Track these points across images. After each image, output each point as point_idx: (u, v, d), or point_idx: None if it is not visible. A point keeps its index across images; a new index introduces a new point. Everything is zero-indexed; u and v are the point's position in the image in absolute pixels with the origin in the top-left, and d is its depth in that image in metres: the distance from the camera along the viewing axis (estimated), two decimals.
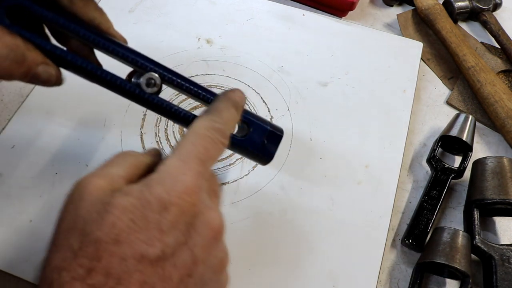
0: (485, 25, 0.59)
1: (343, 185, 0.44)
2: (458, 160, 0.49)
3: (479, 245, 0.41)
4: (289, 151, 0.46)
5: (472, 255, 0.41)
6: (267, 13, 0.57)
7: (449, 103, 0.53)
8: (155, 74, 0.30)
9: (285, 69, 0.52)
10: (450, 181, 0.45)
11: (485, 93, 0.51)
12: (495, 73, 0.53)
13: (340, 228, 0.42)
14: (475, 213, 0.42)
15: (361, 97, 0.51)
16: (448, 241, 0.40)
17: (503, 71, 0.56)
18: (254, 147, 0.33)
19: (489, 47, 0.59)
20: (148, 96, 0.30)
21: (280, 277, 0.39)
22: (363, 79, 0.52)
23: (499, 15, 0.61)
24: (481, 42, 0.59)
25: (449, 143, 0.49)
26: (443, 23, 0.57)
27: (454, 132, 0.47)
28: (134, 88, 0.30)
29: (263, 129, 0.34)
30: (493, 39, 0.59)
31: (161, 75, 0.31)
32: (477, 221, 0.42)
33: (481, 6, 0.59)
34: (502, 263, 0.39)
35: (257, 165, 0.45)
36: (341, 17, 0.60)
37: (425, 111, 0.52)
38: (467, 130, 0.46)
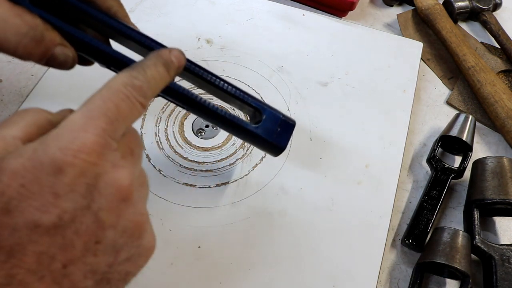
0: (485, 25, 0.59)
1: (343, 185, 0.44)
2: (458, 160, 0.49)
3: (479, 245, 0.41)
4: (289, 151, 0.46)
5: (472, 255, 0.41)
6: (267, 13, 0.57)
7: (449, 103, 0.53)
8: None
9: (285, 69, 0.52)
10: (450, 181, 0.45)
11: (485, 93, 0.51)
12: (495, 73, 0.53)
13: (340, 228, 0.42)
14: (475, 213, 0.42)
15: (361, 97, 0.51)
16: (448, 241, 0.40)
17: (503, 71, 0.56)
18: (267, 135, 0.33)
19: (489, 47, 0.59)
20: None
21: (280, 277, 0.39)
22: (363, 79, 0.52)
23: (499, 15, 0.61)
24: (481, 42, 0.59)
25: (449, 143, 0.49)
26: (443, 23, 0.57)
27: (454, 132, 0.47)
28: None
29: (276, 118, 0.34)
30: (493, 39, 0.59)
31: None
32: (477, 221, 0.42)
33: (481, 6, 0.59)
34: (502, 263, 0.39)
35: (257, 165, 0.45)
36: (341, 17, 0.60)
37: (425, 111, 0.52)
38: (467, 130, 0.46)
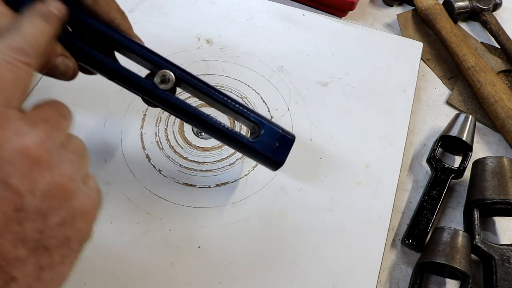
0: (485, 25, 0.59)
1: (343, 185, 0.44)
2: (458, 160, 0.49)
3: (479, 245, 0.41)
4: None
5: (472, 255, 0.41)
6: (267, 13, 0.57)
7: (449, 103, 0.53)
8: (169, 72, 0.30)
9: (285, 69, 0.52)
10: (450, 181, 0.45)
11: (485, 93, 0.51)
12: (495, 73, 0.53)
13: (340, 228, 0.42)
14: (475, 213, 0.42)
15: (361, 97, 0.51)
16: (448, 241, 0.40)
17: (503, 71, 0.56)
18: (265, 150, 0.33)
19: (489, 47, 0.59)
20: (161, 92, 0.30)
21: (280, 277, 0.39)
22: (363, 79, 0.52)
23: (499, 15, 0.61)
24: (481, 42, 0.59)
25: (449, 143, 0.49)
26: (443, 23, 0.57)
27: (454, 132, 0.47)
28: (148, 83, 0.30)
29: (274, 132, 0.33)
30: (493, 39, 0.59)
31: (176, 73, 0.31)
32: (477, 221, 0.42)
33: (481, 6, 0.59)
34: (502, 263, 0.39)
35: (257, 165, 0.45)
36: (341, 17, 0.60)
37: (425, 111, 0.52)
38: (467, 130, 0.46)
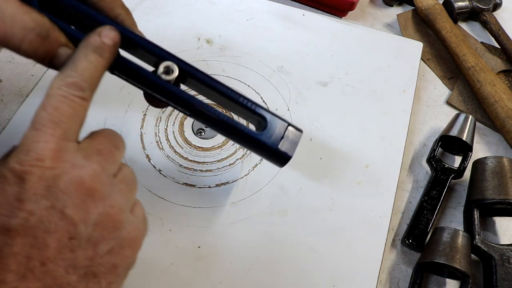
0: (485, 25, 0.59)
1: (343, 185, 0.44)
2: (458, 160, 0.49)
3: (479, 245, 0.41)
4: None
5: (472, 255, 0.41)
6: (267, 13, 0.57)
7: (449, 103, 0.53)
8: (173, 63, 0.30)
9: (285, 69, 0.52)
10: (450, 181, 0.45)
11: (485, 93, 0.51)
12: (495, 73, 0.53)
13: (340, 228, 0.42)
14: (475, 213, 0.42)
15: (361, 97, 0.51)
16: (448, 241, 0.40)
17: (503, 71, 0.56)
18: (272, 143, 0.31)
19: (489, 47, 0.59)
20: (164, 83, 0.30)
21: (280, 277, 0.39)
22: (363, 79, 0.52)
23: (499, 15, 0.61)
24: (481, 42, 0.59)
25: (449, 143, 0.49)
26: (443, 23, 0.57)
27: (454, 132, 0.47)
28: (151, 74, 0.30)
29: (282, 124, 0.32)
30: (493, 39, 0.59)
31: (180, 65, 0.30)
32: (477, 221, 0.42)
33: (481, 6, 0.59)
34: (502, 263, 0.39)
35: (257, 165, 0.45)
36: (341, 17, 0.60)
37: (425, 111, 0.52)
38: (467, 130, 0.46)
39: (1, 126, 0.46)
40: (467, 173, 0.46)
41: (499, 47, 0.58)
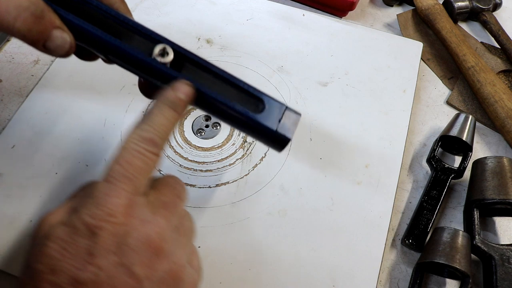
0: (485, 25, 0.59)
1: (343, 185, 0.44)
2: (458, 160, 0.49)
3: (479, 245, 0.41)
4: (289, 151, 0.46)
5: (472, 255, 0.41)
6: (267, 13, 0.57)
7: (449, 103, 0.53)
8: (167, 46, 0.30)
9: (285, 69, 0.52)
10: (450, 181, 0.45)
11: (485, 93, 0.51)
12: (495, 73, 0.53)
13: (340, 228, 0.42)
14: (475, 213, 0.42)
15: (361, 97, 0.51)
16: (448, 241, 0.40)
17: (503, 71, 0.56)
18: (270, 123, 0.30)
19: (489, 47, 0.59)
20: (160, 65, 0.29)
21: (280, 277, 0.39)
22: (363, 79, 0.52)
23: (499, 15, 0.61)
24: (481, 42, 0.59)
25: (449, 143, 0.49)
26: (443, 23, 0.57)
27: (454, 132, 0.47)
28: (146, 57, 0.29)
29: (280, 107, 0.31)
30: (493, 39, 0.59)
31: (174, 48, 0.30)
32: (477, 221, 0.42)
33: (481, 6, 0.59)
34: (502, 263, 0.39)
35: (257, 165, 0.45)
36: (341, 17, 0.60)
37: (425, 111, 0.52)
38: (467, 130, 0.46)
39: (1, 126, 0.46)
40: (467, 173, 0.46)
41: (499, 47, 0.58)
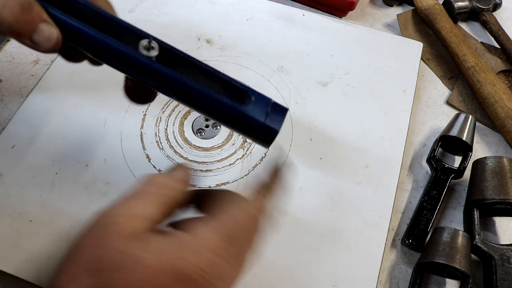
0: (485, 25, 0.59)
1: (343, 185, 0.44)
2: (458, 160, 0.49)
3: (479, 245, 0.41)
4: (289, 151, 0.46)
5: (472, 255, 0.41)
6: (267, 13, 0.57)
7: (449, 103, 0.53)
8: (152, 40, 0.29)
9: (285, 69, 0.52)
10: (450, 181, 0.45)
11: (485, 93, 0.51)
12: (495, 73, 0.53)
13: (340, 227, 0.42)
14: (475, 213, 0.42)
15: (361, 97, 0.51)
16: (448, 241, 0.40)
17: (503, 71, 0.56)
18: (258, 116, 0.29)
19: (489, 47, 0.59)
20: (147, 59, 0.29)
21: (280, 277, 0.39)
22: (363, 79, 0.52)
23: (499, 15, 0.61)
24: (481, 42, 0.59)
25: (449, 143, 0.49)
26: (443, 23, 0.57)
27: (454, 132, 0.47)
28: (133, 51, 0.29)
29: (266, 100, 0.30)
30: (493, 39, 0.59)
31: (159, 42, 0.30)
32: (477, 221, 0.42)
33: (481, 6, 0.59)
34: (502, 263, 0.39)
35: (257, 165, 0.45)
36: (341, 17, 0.60)
37: (425, 111, 0.52)
38: (467, 130, 0.46)
39: (1, 126, 0.46)
40: (467, 173, 0.46)
41: (499, 47, 0.58)
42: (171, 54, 0.31)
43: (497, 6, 0.60)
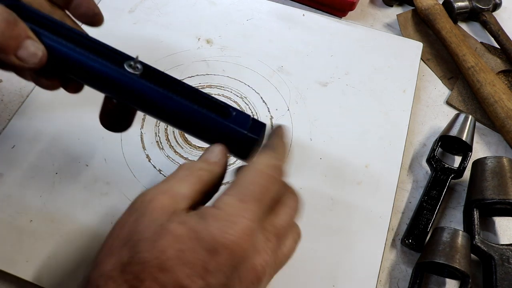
0: (485, 25, 0.59)
1: (343, 185, 0.44)
2: (458, 160, 0.49)
3: (479, 245, 0.41)
4: (289, 151, 0.46)
5: (472, 255, 0.41)
6: (267, 13, 0.57)
7: (448, 103, 0.53)
8: (136, 59, 0.30)
9: (285, 69, 0.52)
10: (449, 181, 0.45)
11: (484, 93, 0.51)
12: (494, 73, 0.53)
13: (340, 227, 0.42)
14: (475, 213, 0.42)
15: (361, 97, 0.51)
16: (448, 241, 0.40)
17: (503, 71, 0.56)
18: (241, 127, 0.30)
19: (489, 47, 0.59)
20: (134, 76, 0.29)
21: (279, 277, 0.39)
22: (363, 79, 0.52)
23: (499, 15, 0.61)
24: (481, 42, 0.59)
25: (449, 143, 0.49)
26: (443, 23, 0.57)
27: (453, 132, 0.47)
28: (118, 68, 0.29)
29: (245, 116, 0.32)
30: (492, 39, 0.59)
31: (142, 63, 0.30)
32: (476, 221, 0.42)
33: (480, 6, 0.59)
34: (501, 263, 0.39)
35: None
36: (341, 17, 0.60)
37: (425, 111, 0.52)
38: (466, 130, 0.46)
39: (1, 126, 0.46)
40: (467, 173, 0.46)
41: (498, 47, 0.58)
42: (155, 73, 0.31)
43: (497, 6, 0.60)
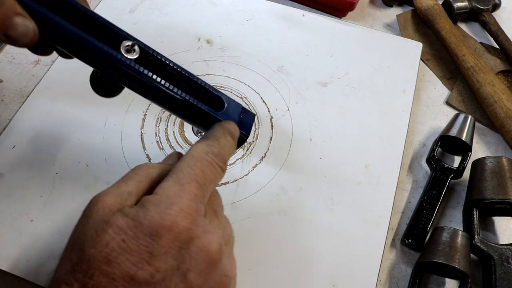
0: (484, 25, 0.59)
1: (343, 185, 0.44)
2: (457, 160, 0.49)
3: (478, 244, 0.41)
4: (289, 151, 0.46)
5: (471, 254, 0.41)
6: (267, 13, 0.57)
7: (448, 103, 0.53)
8: (134, 42, 0.30)
9: (285, 69, 0.52)
10: (449, 181, 0.45)
11: (484, 93, 0.51)
12: (494, 73, 0.53)
13: (340, 228, 0.42)
14: (475, 213, 0.42)
15: (361, 97, 0.51)
16: (447, 241, 0.40)
17: (502, 71, 0.56)
18: (233, 119, 0.32)
19: (488, 48, 0.59)
20: (129, 61, 0.29)
21: (280, 277, 0.40)
22: (363, 79, 0.52)
23: (498, 15, 0.61)
24: (480, 42, 0.59)
25: (449, 143, 0.49)
26: (443, 23, 0.57)
27: (453, 132, 0.47)
28: (113, 51, 0.28)
29: (237, 106, 0.34)
30: (492, 39, 0.59)
31: (140, 45, 0.30)
32: (476, 221, 0.42)
33: (480, 6, 0.59)
34: (501, 263, 0.40)
35: (257, 165, 0.45)
36: (341, 17, 0.60)
37: (425, 111, 0.53)
38: (466, 130, 0.46)
39: (2, 126, 0.46)
40: (467, 173, 0.46)
41: (498, 47, 0.58)
42: (152, 57, 0.31)
43: (496, 6, 0.60)
